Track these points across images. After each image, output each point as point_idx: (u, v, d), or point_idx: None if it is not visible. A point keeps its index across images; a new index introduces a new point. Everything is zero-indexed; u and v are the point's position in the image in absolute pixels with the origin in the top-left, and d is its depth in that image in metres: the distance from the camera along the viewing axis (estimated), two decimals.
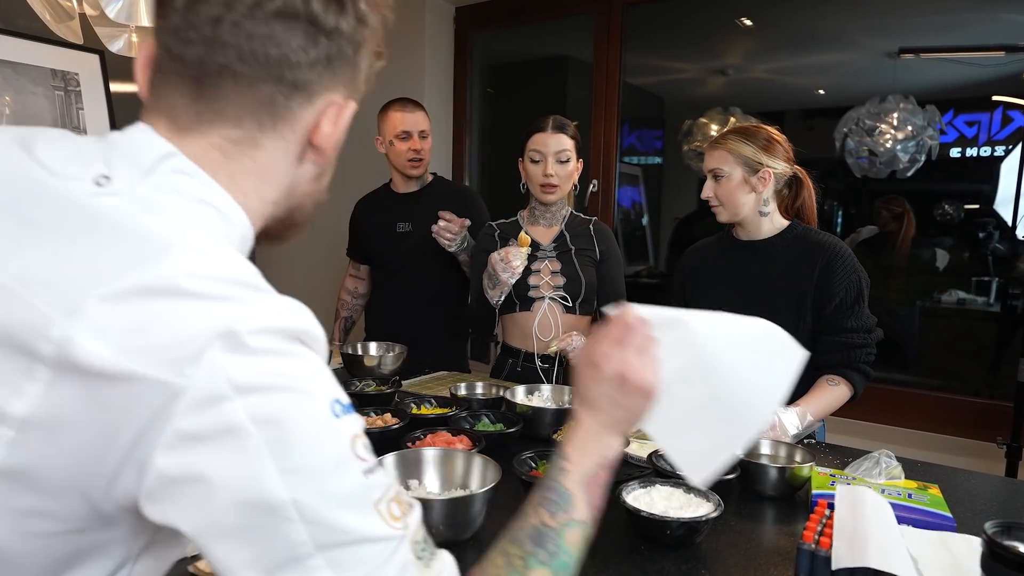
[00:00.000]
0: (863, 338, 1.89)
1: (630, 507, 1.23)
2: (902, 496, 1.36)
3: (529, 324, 2.37)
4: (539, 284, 2.36)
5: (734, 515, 1.37)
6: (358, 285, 3.19)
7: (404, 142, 2.84)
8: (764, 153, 1.94)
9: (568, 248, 2.38)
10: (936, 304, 3.28)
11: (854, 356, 1.89)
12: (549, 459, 1.45)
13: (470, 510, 1.19)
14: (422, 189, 2.97)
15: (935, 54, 3.24)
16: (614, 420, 0.90)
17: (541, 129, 2.36)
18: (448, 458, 1.37)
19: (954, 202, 3.23)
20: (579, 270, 2.35)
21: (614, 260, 2.43)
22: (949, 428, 2.98)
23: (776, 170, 1.95)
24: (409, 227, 2.91)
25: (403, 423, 1.70)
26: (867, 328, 1.90)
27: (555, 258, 2.37)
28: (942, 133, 3.14)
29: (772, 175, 1.95)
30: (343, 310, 3.19)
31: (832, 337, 1.90)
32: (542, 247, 2.39)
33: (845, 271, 1.89)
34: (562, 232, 2.41)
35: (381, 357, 2.34)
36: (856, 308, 1.89)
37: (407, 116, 2.84)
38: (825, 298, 1.90)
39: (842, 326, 1.89)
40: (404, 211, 2.93)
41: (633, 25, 3.78)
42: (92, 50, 3.24)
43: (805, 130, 3.76)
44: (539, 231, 2.43)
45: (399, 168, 2.91)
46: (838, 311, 1.90)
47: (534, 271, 2.36)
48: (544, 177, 2.33)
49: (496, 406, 1.94)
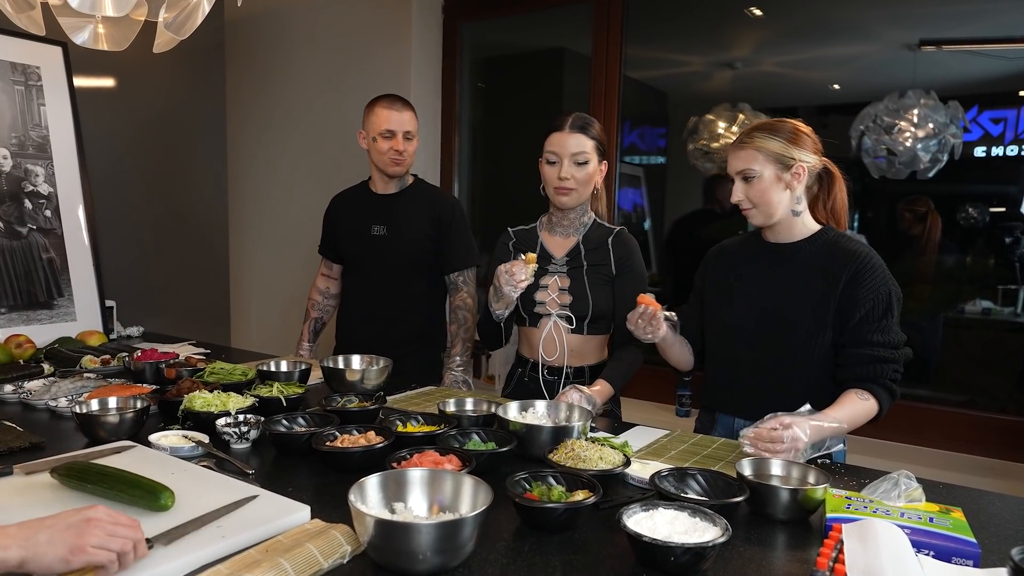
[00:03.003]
0: (890, 353, 1.89)
1: (631, 532, 1.23)
2: (923, 520, 1.36)
3: (536, 339, 2.39)
4: (546, 301, 2.36)
5: (743, 540, 1.37)
6: (330, 285, 3.22)
7: (387, 141, 2.85)
8: (794, 146, 1.95)
9: (581, 264, 2.37)
10: (960, 314, 3.29)
11: (880, 371, 1.88)
12: (544, 480, 1.45)
13: (460, 535, 1.19)
14: (401, 192, 3.00)
15: (958, 46, 3.26)
16: None
17: (558, 128, 2.33)
18: (436, 479, 1.37)
19: (979, 205, 3.25)
20: (588, 289, 2.34)
21: (632, 275, 2.39)
22: (973, 447, 2.99)
23: (808, 163, 1.96)
24: (385, 230, 2.94)
25: (388, 442, 1.70)
26: (895, 344, 1.89)
27: (565, 274, 2.36)
28: (965, 131, 3.16)
29: (806, 169, 1.96)
30: (313, 310, 3.22)
31: (856, 350, 1.90)
32: (554, 260, 2.38)
33: (874, 282, 1.89)
34: (578, 245, 2.39)
35: (364, 371, 2.34)
36: (884, 322, 1.89)
37: (393, 115, 2.85)
38: (851, 309, 1.91)
39: (867, 340, 1.89)
40: (380, 213, 2.96)
41: (635, 15, 3.80)
42: (55, 42, 3.25)
43: (819, 127, 3.74)
44: (555, 241, 2.43)
45: (379, 166, 2.93)
46: (863, 323, 1.90)
47: (542, 286, 2.36)
48: (559, 180, 2.31)
49: (488, 424, 1.94)
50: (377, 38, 4.29)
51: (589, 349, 2.39)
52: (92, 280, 3.28)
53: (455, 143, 4.40)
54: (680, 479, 1.52)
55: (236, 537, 1.25)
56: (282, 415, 1.89)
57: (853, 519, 1.34)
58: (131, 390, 2.16)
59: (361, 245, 2.98)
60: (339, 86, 4.37)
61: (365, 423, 1.86)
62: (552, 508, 1.34)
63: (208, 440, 1.79)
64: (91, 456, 1.63)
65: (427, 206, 2.95)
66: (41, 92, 3.22)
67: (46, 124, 3.22)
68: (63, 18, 2.25)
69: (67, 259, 3.21)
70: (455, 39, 4.33)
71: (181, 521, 1.28)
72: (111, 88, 3.82)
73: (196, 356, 2.64)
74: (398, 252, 2.91)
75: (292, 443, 1.77)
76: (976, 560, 1.26)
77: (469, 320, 2.92)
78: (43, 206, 3.16)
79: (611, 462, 1.60)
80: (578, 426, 1.81)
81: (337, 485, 1.54)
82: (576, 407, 1.96)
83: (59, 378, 2.39)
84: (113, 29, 2.34)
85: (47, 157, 3.20)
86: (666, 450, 1.88)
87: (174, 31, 2.12)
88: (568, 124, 2.30)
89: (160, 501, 1.33)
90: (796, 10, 3.69)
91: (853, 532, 1.29)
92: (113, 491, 1.37)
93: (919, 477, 1.55)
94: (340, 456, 1.65)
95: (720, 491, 1.48)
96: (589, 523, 1.40)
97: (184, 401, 1.96)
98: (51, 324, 3.10)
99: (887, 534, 1.26)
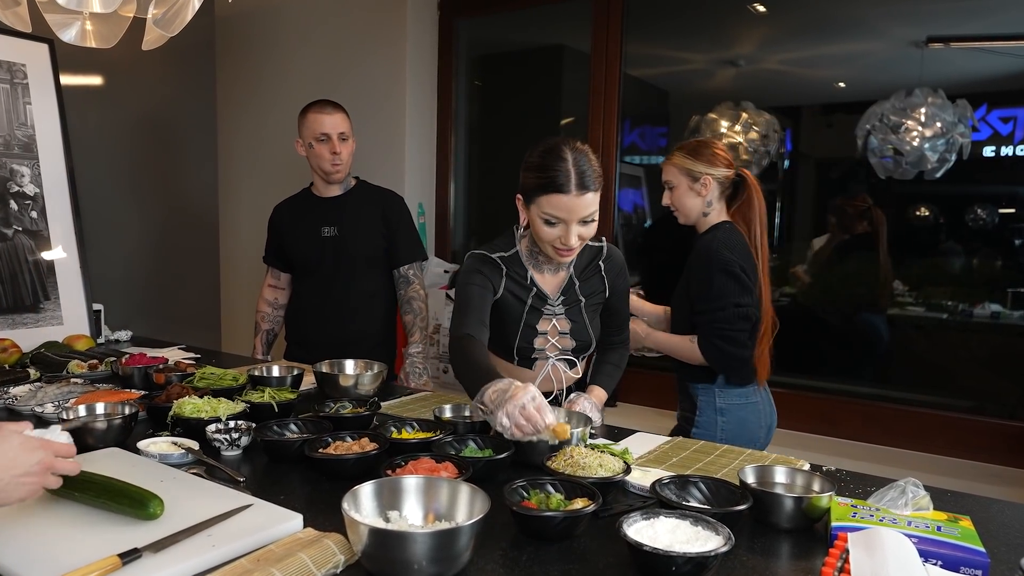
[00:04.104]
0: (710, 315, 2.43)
1: (632, 541, 1.23)
2: (930, 529, 1.36)
3: (530, 377, 2.27)
4: (544, 347, 2.25)
5: (746, 550, 1.37)
6: (278, 296, 3.28)
7: (323, 145, 2.98)
8: (702, 162, 2.46)
9: (577, 300, 2.24)
10: (967, 318, 3.29)
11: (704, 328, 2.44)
12: (542, 488, 1.46)
13: (456, 544, 1.19)
14: (347, 193, 3.11)
15: (967, 43, 3.27)
16: None
17: (561, 190, 1.97)
18: (432, 487, 1.37)
19: (987, 206, 3.26)
20: (588, 325, 2.26)
21: (622, 293, 2.34)
22: (982, 454, 3.00)
23: (715, 175, 2.46)
24: (335, 231, 3.05)
25: (382, 448, 1.70)
26: (714, 308, 2.42)
27: (564, 316, 2.23)
28: (974, 130, 3.16)
29: (712, 180, 2.46)
30: (264, 323, 3.28)
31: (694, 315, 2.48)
32: (549, 301, 2.22)
33: (699, 263, 2.45)
34: (571, 279, 2.24)
35: (358, 376, 2.34)
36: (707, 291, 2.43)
37: (326, 118, 2.98)
38: (692, 286, 2.48)
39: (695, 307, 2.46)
40: (329, 215, 3.06)
41: (635, 11, 3.81)
42: (41, 39, 3.25)
43: (824, 127, 3.78)
44: (546, 279, 2.24)
45: (319, 171, 3.05)
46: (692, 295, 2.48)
47: (540, 333, 2.23)
48: (561, 244, 2.05)
49: (484, 430, 1.94)
50: (371, 35, 4.30)
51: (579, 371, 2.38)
52: (79, 283, 3.28)
53: (451, 143, 4.41)
54: (682, 487, 1.53)
55: (227, 546, 1.25)
56: (274, 421, 1.89)
57: (859, 528, 1.34)
58: (119, 396, 2.16)
59: (312, 247, 3.07)
60: (333, 84, 4.37)
61: (359, 429, 1.86)
62: (550, 517, 1.34)
63: (198, 447, 1.79)
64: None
65: (376, 204, 3.10)
66: (27, 90, 3.22)
67: (32, 123, 3.22)
68: (50, 14, 2.25)
69: (54, 262, 3.21)
70: (451, 36, 4.34)
71: (171, 530, 1.28)
72: (99, 86, 3.82)
73: (186, 361, 2.64)
74: (351, 251, 3.04)
75: (284, 450, 1.77)
76: (985, 570, 1.26)
77: (424, 310, 3.11)
78: (29, 207, 3.16)
79: (611, 469, 1.60)
80: (577, 433, 1.80)
81: (330, 493, 1.53)
82: (575, 413, 1.96)
83: (45, 383, 2.38)
84: (101, 25, 2.34)
85: (33, 157, 3.20)
86: (667, 457, 1.88)
87: (163, 28, 2.12)
88: (574, 185, 1.96)
89: (149, 510, 1.33)
90: (800, 6, 3.70)
91: (859, 541, 1.29)
92: (100, 499, 1.37)
93: (926, 485, 1.56)
94: (333, 463, 1.65)
95: (723, 499, 1.48)
96: (588, 532, 1.40)
97: (173, 407, 1.96)
98: (37, 328, 3.09)
99: (894, 543, 1.26)
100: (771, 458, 1.87)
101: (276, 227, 3.22)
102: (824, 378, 3.62)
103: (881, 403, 3.32)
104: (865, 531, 1.33)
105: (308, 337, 3.10)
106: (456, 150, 4.44)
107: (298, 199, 3.21)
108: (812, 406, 3.43)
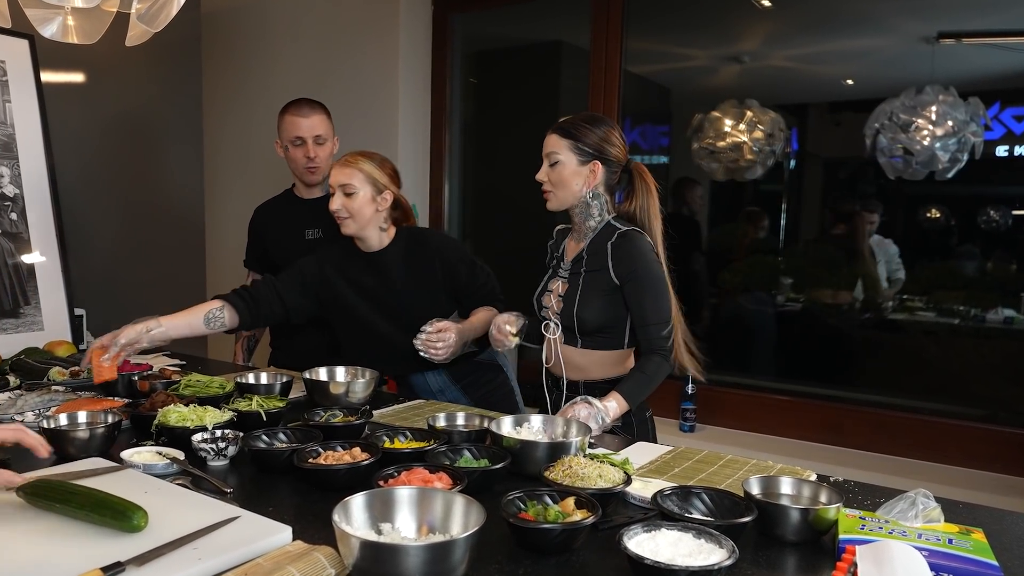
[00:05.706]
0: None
1: (632, 554, 1.23)
2: (941, 542, 1.37)
3: (543, 344, 2.44)
4: (548, 306, 2.43)
5: (750, 563, 1.37)
6: None
7: (299, 148, 2.99)
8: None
9: (580, 270, 2.36)
10: (980, 323, 3.29)
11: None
12: (540, 499, 1.46)
13: (451, 558, 1.19)
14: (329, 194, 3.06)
15: (979, 39, 3.27)
16: None
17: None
18: (425, 498, 1.37)
19: (1001, 207, 3.26)
20: (577, 299, 2.32)
21: (640, 282, 2.28)
22: (995, 464, 3.00)
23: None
24: (319, 232, 3.04)
25: (374, 458, 1.70)
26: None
27: (566, 279, 2.40)
28: (987, 129, 3.17)
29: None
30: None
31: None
32: (563, 265, 2.45)
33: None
34: (583, 251, 2.38)
35: (349, 384, 2.34)
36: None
37: (301, 121, 2.97)
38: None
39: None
40: (312, 216, 3.05)
41: (636, 6, 3.81)
42: (21, 34, 3.25)
43: (831, 125, 3.79)
44: (571, 245, 2.47)
45: (296, 174, 3.08)
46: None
47: (548, 290, 2.46)
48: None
49: (480, 439, 1.94)
50: (363, 30, 4.30)
51: (589, 364, 2.37)
52: (60, 287, 3.27)
53: (445, 142, 4.41)
54: (684, 498, 1.53)
55: (213, 560, 1.25)
56: (262, 430, 1.89)
57: (868, 540, 1.34)
58: (102, 404, 2.16)
59: (296, 250, 3.03)
60: (322, 80, 4.37)
61: (350, 439, 1.86)
62: (548, 529, 1.34)
63: (183, 457, 1.79)
64: (59, 474, 1.63)
65: None
66: (7, 88, 3.22)
67: (12, 122, 3.22)
68: (30, 9, 2.25)
69: (34, 265, 3.21)
70: (446, 31, 4.35)
71: (155, 543, 1.28)
72: (81, 84, 3.82)
73: (171, 368, 2.63)
74: None
75: (273, 460, 1.77)
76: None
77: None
78: (8, 208, 3.16)
79: (611, 480, 1.60)
80: (576, 442, 1.81)
81: (320, 504, 1.53)
82: (574, 422, 1.96)
83: (25, 391, 2.38)
84: (83, 21, 2.34)
85: (13, 157, 3.20)
86: (669, 467, 1.89)
87: (147, 23, 2.12)
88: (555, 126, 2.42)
89: (132, 521, 1.33)
90: (807, 1, 3.71)
91: (867, 554, 1.29)
92: (82, 511, 1.37)
93: (937, 496, 1.56)
94: (323, 474, 1.65)
95: (726, 511, 1.48)
96: (588, 545, 1.40)
97: (158, 415, 1.96)
98: (17, 334, 3.09)
99: (904, 556, 1.26)
100: (776, 468, 1.87)
101: (257, 230, 3.22)
102: (831, 386, 3.61)
103: (890, 411, 3.32)
104: (874, 544, 1.33)
105: (293, 343, 3.10)
106: (450, 149, 4.44)
107: (280, 201, 3.21)
108: (818, 414, 3.44)
